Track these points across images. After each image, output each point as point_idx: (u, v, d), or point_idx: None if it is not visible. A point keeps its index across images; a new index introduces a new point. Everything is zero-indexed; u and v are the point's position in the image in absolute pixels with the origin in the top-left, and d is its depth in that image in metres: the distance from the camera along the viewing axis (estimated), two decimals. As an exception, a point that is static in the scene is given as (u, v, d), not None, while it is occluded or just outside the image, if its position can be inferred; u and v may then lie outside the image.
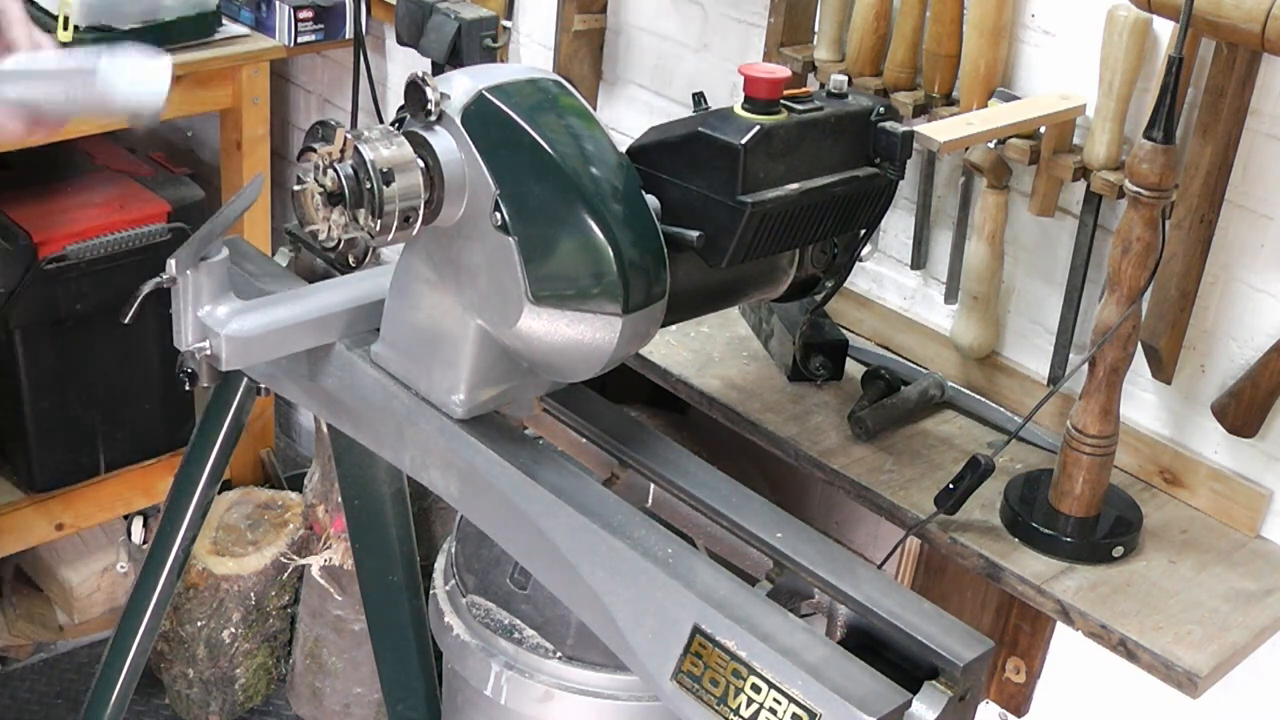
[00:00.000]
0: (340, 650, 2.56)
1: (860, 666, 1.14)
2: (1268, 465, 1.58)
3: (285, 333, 1.40)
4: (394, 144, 1.23)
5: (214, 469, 1.82)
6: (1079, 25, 1.62)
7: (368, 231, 1.23)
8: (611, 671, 1.42)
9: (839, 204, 1.38)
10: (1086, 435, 1.49)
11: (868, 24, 1.76)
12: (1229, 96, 1.44)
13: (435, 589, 1.57)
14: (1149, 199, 1.39)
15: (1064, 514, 1.53)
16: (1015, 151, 1.62)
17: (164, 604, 1.91)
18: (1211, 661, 1.41)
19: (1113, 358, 1.46)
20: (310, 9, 2.51)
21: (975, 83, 1.67)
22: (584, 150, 1.26)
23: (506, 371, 1.35)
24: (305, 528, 2.58)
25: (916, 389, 1.75)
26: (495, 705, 1.48)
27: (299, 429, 3.24)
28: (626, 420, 1.44)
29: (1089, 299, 1.67)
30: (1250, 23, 1.34)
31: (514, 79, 1.29)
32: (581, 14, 2.14)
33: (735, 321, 1.92)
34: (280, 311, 1.40)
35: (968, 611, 1.80)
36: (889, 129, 1.39)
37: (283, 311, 1.40)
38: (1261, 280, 1.54)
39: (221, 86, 2.53)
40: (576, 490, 1.29)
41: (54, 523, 2.64)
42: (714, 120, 1.32)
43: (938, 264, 1.83)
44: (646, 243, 1.25)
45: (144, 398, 2.65)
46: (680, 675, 1.18)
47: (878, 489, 1.61)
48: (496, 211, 1.23)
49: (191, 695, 2.63)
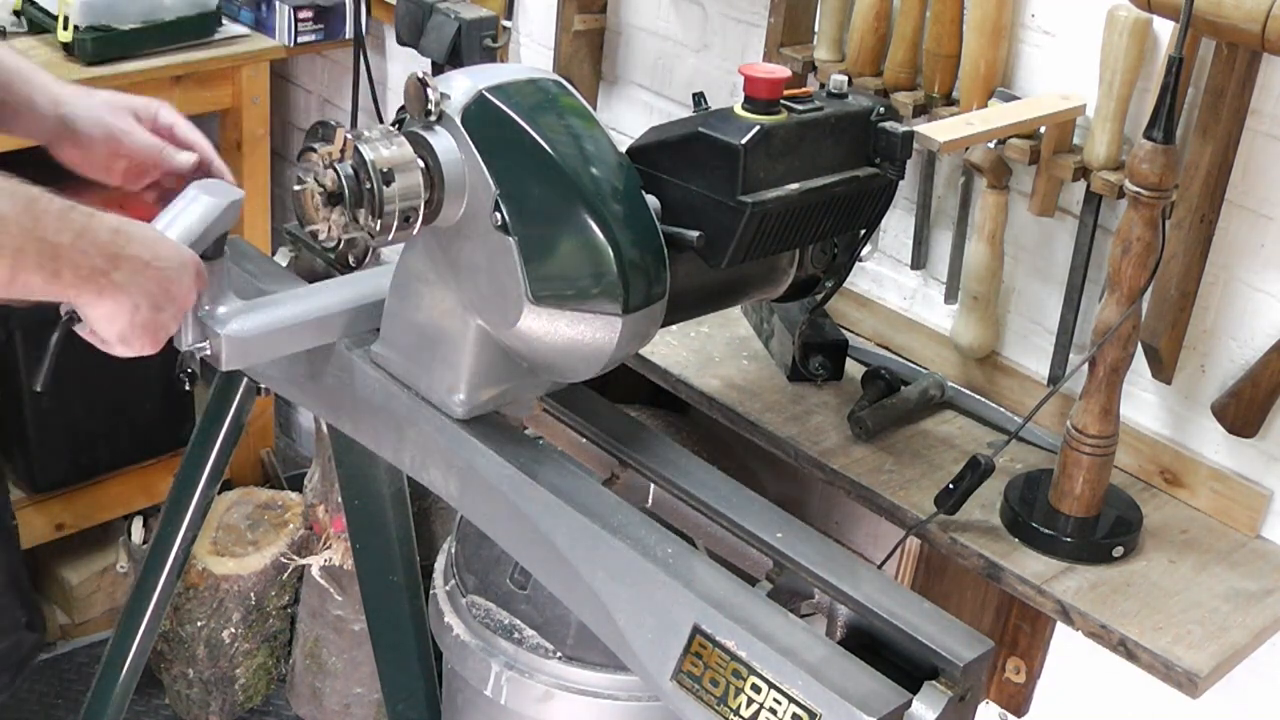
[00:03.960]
0: (340, 650, 2.56)
1: (860, 666, 1.14)
2: (1268, 465, 1.58)
3: (285, 333, 1.40)
4: (394, 144, 1.23)
5: (214, 469, 1.82)
6: (1079, 25, 1.62)
7: (368, 231, 1.23)
8: (611, 671, 1.42)
9: (839, 204, 1.38)
10: (1086, 435, 1.49)
11: (868, 24, 1.76)
12: (1229, 96, 1.44)
13: (435, 589, 1.57)
14: (1149, 199, 1.39)
15: (1064, 514, 1.53)
16: (1015, 151, 1.62)
17: (164, 604, 1.91)
18: (1211, 661, 1.41)
19: (1113, 358, 1.46)
20: (310, 9, 2.51)
21: (975, 83, 1.67)
22: (584, 150, 1.26)
23: (506, 371, 1.35)
24: (305, 528, 2.58)
25: (916, 389, 1.75)
26: (495, 705, 1.48)
27: (299, 429, 3.24)
28: (626, 420, 1.44)
29: (1089, 299, 1.67)
30: (1250, 23, 1.34)
31: (514, 79, 1.29)
32: (581, 14, 2.14)
33: (735, 321, 1.92)
34: (280, 311, 1.40)
35: (968, 611, 1.80)
36: (889, 129, 1.39)
37: (283, 311, 1.40)
38: (1261, 280, 1.54)
39: (221, 86, 2.53)
40: (576, 490, 1.29)
41: (54, 523, 2.65)
42: (714, 120, 1.32)
43: (938, 264, 1.83)
44: (646, 243, 1.25)
45: (144, 398, 2.65)
46: (680, 675, 1.18)
47: (878, 489, 1.61)
48: (496, 211, 1.23)
49: (191, 695, 2.63)
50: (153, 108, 1.44)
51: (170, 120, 1.44)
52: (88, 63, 2.32)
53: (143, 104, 1.43)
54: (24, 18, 2.42)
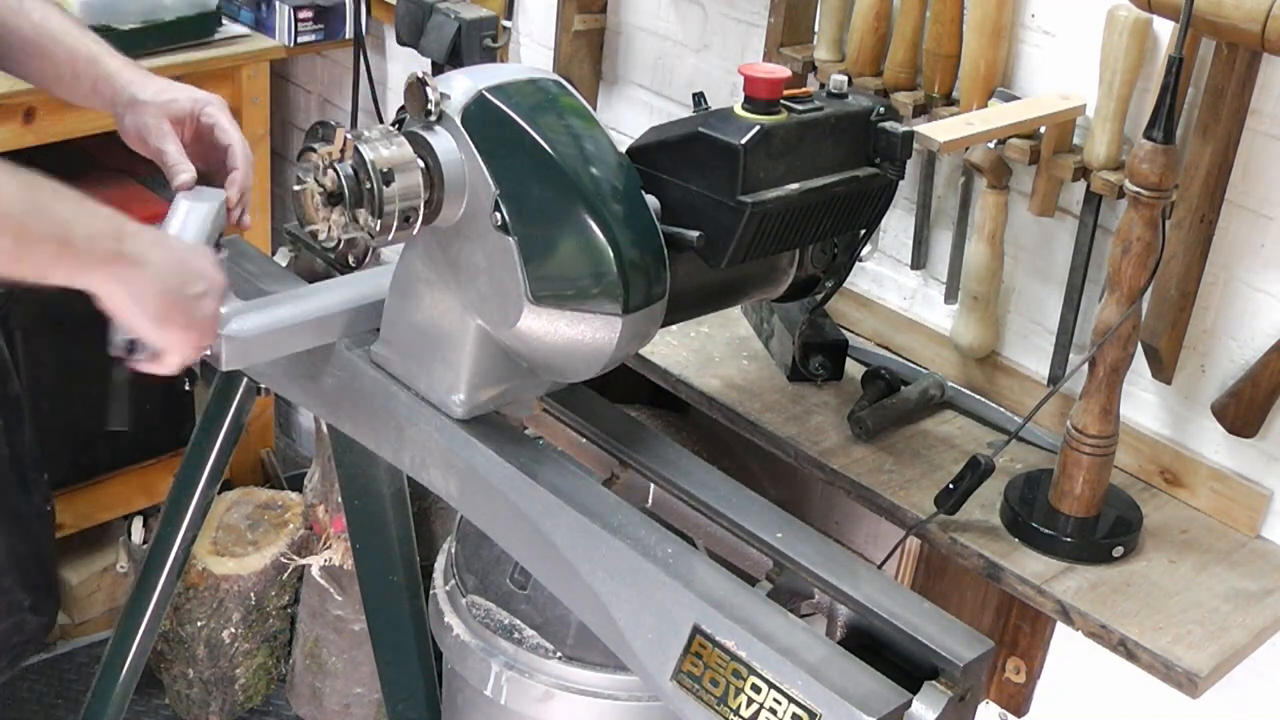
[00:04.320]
0: (340, 650, 2.56)
1: (860, 666, 1.14)
2: (1268, 465, 1.58)
3: (285, 333, 1.40)
4: (394, 144, 1.23)
5: (214, 469, 1.82)
6: (1079, 25, 1.62)
7: (368, 231, 1.23)
8: (611, 671, 1.43)
9: (839, 204, 1.38)
10: (1086, 435, 1.49)
11: (868, 24, 1.76)
12: (1229, 96, 1.44)
13: (435, 589, 1.57)
14: (1149, 199, 1.39)
15: (1064, 514, 1.53)
16: (1015, 151, 1.62)
17: (164, 604, 1.91)
18: (1211, 661, 1.41)
19: (1113, 358, 1.46)
20: (310, 9, 2.51)
21: (975, 83, 1.67)
22: (584, 150, 1.26)
23: (506, 371, 1.35)
24: (305, 528, 2.58)
25: (916, 389, 1.75)
26: (495, 705, 1.48)
27: (299, 429, 3.24)
28: (626, 420, 1.44)
29: (1089, 299, 1.67)
30: (1250, 23, 1.34)
31: (514, 79, 1.29)
32: (581, 14, 2.14)
33: (735, 321, 1.92)
34: (280, 311, 1.40)
35: (968, 611, 1.80)
36: (889, 129, 1.39)
37: (283, 311, 1.40)
38: (1261, 280, 1.54)
39: (221, 86, 2.53)
40: (576, 490, 1.29)
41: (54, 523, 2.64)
42: (714, 120, 1.32)
43: (938, 264, 1.83)
44: (646, 243, 1.25)
45: (144, 398, 2.65)
46: (680, 675, 1.18)
47: (878, 489, 1.61)
48: (496, 211, 1.23)
49: (191, 695, 2.63)
50: (199, 106, 1.44)
51: (212, 119, 1.44)
52: (88, 63, 2.32)
53: (188, 105, 1.44)
54: (24, 18, 2.41)
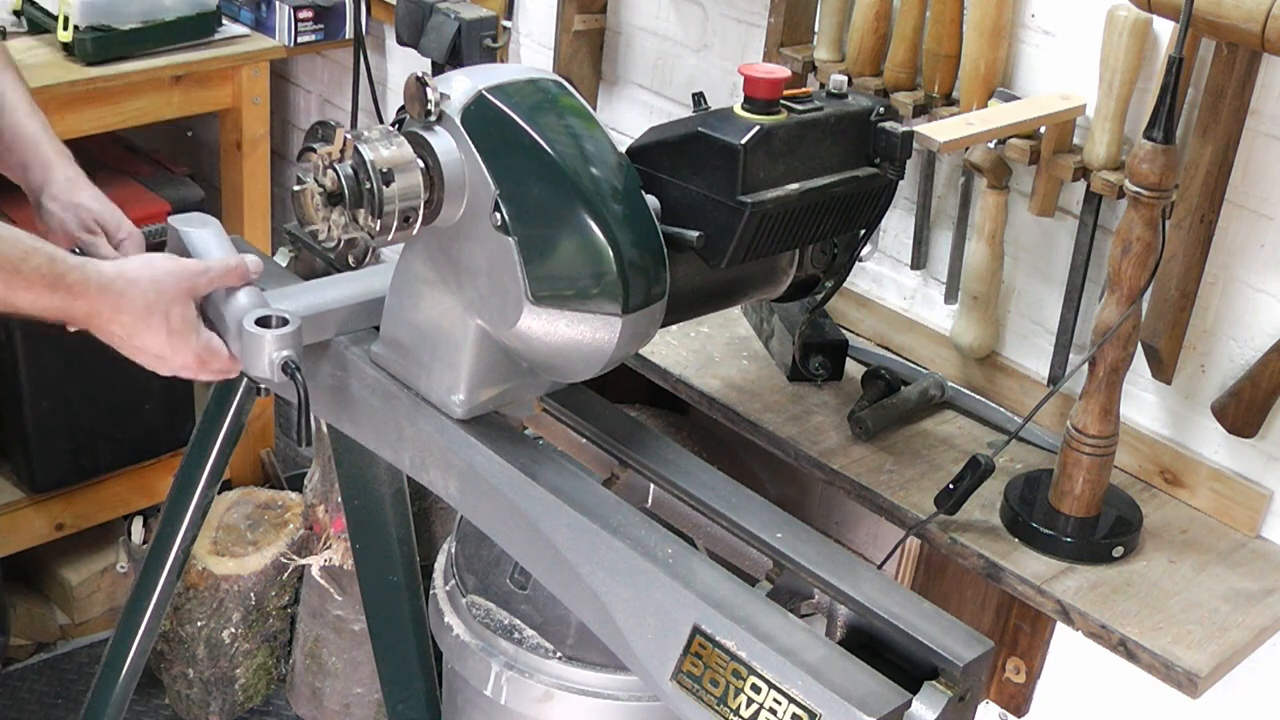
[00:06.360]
0: (340, 650, 2.56)
1: (860, 666, 1.14)
2: (1268, 465, 1.58)
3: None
4: (394, 144, 1.23)
5: (214, 469, 1.82)
6: (1079, 25, 1.62)
7: (368, 231, 1.23)
8: (611, 671, 1.42)
9: (839, 204, 1.38)
10: (1086, 435, 1.49)
11: (868, 24, 1.76)
12: (1229, 96, 1.44)
13: (435, 589, 1.57)
14: (1149, 199, 1.39)
15: (1064, 514, 1.53)
16: (1015, 151, 1.62)
17: (164, 604, 1.91)
18: (1211, 661, 1.41)
19: (1113, 358, 1.46)
20: (310, 9, 2.52)
21: (975, 83, 1.67)
22: (584, 150, 1.26)
23: (506, 371, 1.35)
24: (305, 528, 2.58)
25: (916, 389, 1.75)
26: (495, 705, 1.48)
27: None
28: (626, 420, 1.44)
29: (1089, 299, 1.67)
30: (1250, 23, 1.35)
31: (514, 79, 1.29)
32: (581, 14, 2.14)
33: (735, 321, 1.92)
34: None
35: (968, 611, 1.80)
36: (889, 129, 1.39)
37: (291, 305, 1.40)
38: (1261, 280, 1.54)
39: (221, 86, 2.53)
40: (576, 490, 1.29)
41: (54, 523, 2.64)
42: (714, 120, 1.32)
43: (938, 264, 1.83)
44: (646, 243, 1.25)
45: (144, 398, 2.65)
46: (680, 675, 1.18)
47: (878, 489, 1.61)
48: (496, 211, 1.23)
49: (191, 695, 2.63)
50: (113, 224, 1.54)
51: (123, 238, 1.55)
52: (88, 63, 2.32)
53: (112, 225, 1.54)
54: (24, 18, 2.42)
